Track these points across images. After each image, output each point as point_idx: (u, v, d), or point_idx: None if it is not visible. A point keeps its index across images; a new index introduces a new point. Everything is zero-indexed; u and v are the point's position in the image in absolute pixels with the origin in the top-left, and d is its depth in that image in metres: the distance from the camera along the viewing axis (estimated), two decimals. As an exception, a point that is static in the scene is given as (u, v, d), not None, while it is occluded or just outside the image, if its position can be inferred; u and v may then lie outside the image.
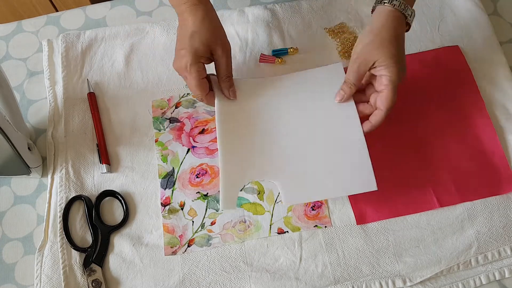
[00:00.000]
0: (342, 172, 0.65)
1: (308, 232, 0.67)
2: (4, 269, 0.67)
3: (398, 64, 0.62)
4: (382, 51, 0.62)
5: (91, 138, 0.74)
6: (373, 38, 0.63)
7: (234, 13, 0.82)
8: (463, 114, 0.73)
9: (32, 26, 0.84)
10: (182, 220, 0.68)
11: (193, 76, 0.65)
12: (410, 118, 0.73)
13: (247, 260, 0.66)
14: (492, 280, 0.64)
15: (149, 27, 0.81)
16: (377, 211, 0.67)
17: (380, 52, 0.62)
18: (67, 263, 0.65)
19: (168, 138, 0.73)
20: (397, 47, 0.62)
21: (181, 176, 0.71)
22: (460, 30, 0.80)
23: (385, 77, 0.62)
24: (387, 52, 0.62)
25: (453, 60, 0.77)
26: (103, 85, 0.78)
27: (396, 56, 0.62)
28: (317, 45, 0.80)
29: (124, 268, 0.66)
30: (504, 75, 0.76)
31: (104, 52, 0.80)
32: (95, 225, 0.67)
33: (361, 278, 0.64)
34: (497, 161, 0.70)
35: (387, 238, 0.66)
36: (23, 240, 0.68)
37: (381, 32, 0.62)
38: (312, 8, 0.83)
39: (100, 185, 0.71)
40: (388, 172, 0.70)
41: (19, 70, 0.80)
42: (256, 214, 0.68)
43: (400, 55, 0.62)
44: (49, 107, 0.76)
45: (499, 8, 0.83)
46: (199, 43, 0.65)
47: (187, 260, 0.66)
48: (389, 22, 0.63)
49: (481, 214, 0.67)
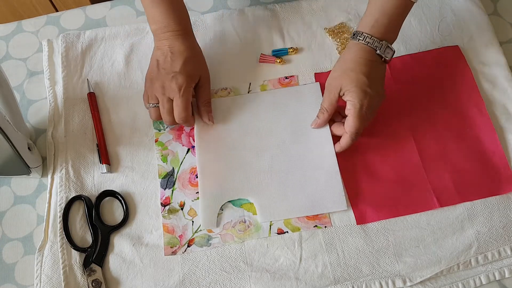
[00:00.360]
0: (315, 191, 0.68)
1: (308, 232, 0.67)
2: (4, 269, 0.67)
3: (361, 91, 0.65)
4: (345, 78, 0.66)
5: (91, 138, 0.74)
6: (339, 67, 0.68)
7: (234, 13, 0.82)
8: (463, 114, 0.73)
9: (32, 26, 0.84)
10: (182, 220, 0.68)
11: (184, 99, 0.68)
12: (410, 118, 0.73)
13: (247, 260, 0.66)
14: (492, 280, 0.64)
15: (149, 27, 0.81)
16: (377, 211, 0.67)
17: (343, 79, 0.67)
18: (67, 263, 0.65)
19: (168, 138, 0.73)
20: (360, 74, 0.66)
21: (181, 176, 0.71)
22: (460, 30, 0.80)
23: (348, 102, 0.66)
24: (348, 79, 0.66)
25: (453, 60, 0.77)
26: (103, 85, 0.78)
27: (357, 81, 0.66)
28: (317, 45, 0.80)
29: (124, 268, 0.66)
30: (504, 75, 0.76)
31: (104, 52, 0.80)
32: (95, 225, 0.67)
33: (361, 278, 0.64)
34: (497, 161, 0.70)
35: (387, 238, 0.66)
36: (23, 240, 0.68)
37: (346, 62, 0.68)
38: (312, 8, 0.83)
39: (100, 185, 0.71)
40: (388, 172, 0.70)
41: (19, 70, 0.80)
42: (256, 214, 0.68)
43: (363, 82, 0.66)
44: (49, 107, 0.76)
45: (499, 8, 0.83)
46: (193, 70, 0.70)
47: (187, 260, 0.66)
48: (355, 52, 0.67)
49: (481, 214, 0.67)
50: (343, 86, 0.66)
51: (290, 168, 0.70)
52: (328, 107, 0.69)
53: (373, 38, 0.66)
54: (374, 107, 0.68)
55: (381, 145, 0.71)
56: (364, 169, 0.70)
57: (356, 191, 0.69)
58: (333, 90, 0.68)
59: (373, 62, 0.67)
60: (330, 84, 0.69)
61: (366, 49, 0.67)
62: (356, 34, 0.68)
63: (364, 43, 0.66)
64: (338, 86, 0.67)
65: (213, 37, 0.81)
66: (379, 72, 0.68)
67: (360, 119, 0.66)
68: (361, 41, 0.66)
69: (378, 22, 0.66)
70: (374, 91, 0.66)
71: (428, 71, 0.76)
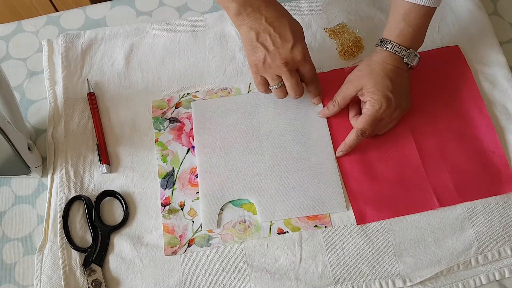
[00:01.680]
0: (315, 192, 0.68)
1: (308, 232, 0.67)
2: (4, 269, 0.67)
3: (382, 94, 0.66)
4: (370, 79, 0.67)
5: (91, 138, 0.74)
6: (366, 68, 0.69)
7: (234, 13, 0.82)
8: (463, 114, 0.73)
9: (32, 26, 0.84)
10: (182, 220, 0.68)
11: (309, 68, 0.67)
12: (410, 118, 0.73)
13: (247, 260, 0.66)
14: (492, 280, 0.64)
15: (149, 27, 0.81)
16: (377, 211, 0.67)
17: (367, 80, 0.67)
18: (67, 263, 0.65)
19: (168, 138, 0.73)
20: (385, 78, 0.67)
21: (181, 176, 0.71)
22: (460, 30, 0.80)
23: (368, 102, 0.67)
24: (373, 81, 0.67)
25: (453, 60, 0.77)
26: (103, 85, 0.78)
27: (381, 84, 0.66)
28: (317, 45, 0.80)
29: (124, 268, 0.66)
30: (504, 75, 0.76)
31: (104, 52, 0.80)
32: (95, 225, 0.67)
33: (361, 278, 0.64)
34: (497, 161, 0.70)
35: (387, 238, 0.66)
36: (23, 240, 0.68)
37: (373, 64, 0.68)
38: (312, 8, 0.83)
39: (100, 185, 0.71)
40: (388, 172, 0.70)
41: (19, 70, 0.80)
42: (256, 214, 0.68)
43: (386, 86, 0.66)
44: (49, 107, 0.76)
45: (499, 8, 0.83)
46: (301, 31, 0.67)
47: (187, 260, 0.66)
48: (383, 57, 0.68)
49: (481, 214, 0.67)
50: (365, 87, 0.67)
51: (290, 168, 0.70)
52: (340, 101, 0.70)
53: (401, 47, 0.67)
54: (395, 115, 0.69)
55: (381, 145, 0.71)
56: (364, 169, 0.70)
57: (356, 191, 0.69)
58: (351, 87, 0.69)
59: (400, 70, 0.68)
60: (350, 81, 0.69)
61: (394, 56, 0.68)
62: (383, 42, 0.68)
63: (392, 52, 0.67)
64: (359, 85, 0.68)
65: (213, 37, 0.81)
66: (404, 80, 0.69)
67: (373, 119, 0.66)
68: (389, 49, 0.67)
69: (403, 32, 0.67)
70: (396, 97, 0.67)
71: (428, 71, 0.76)
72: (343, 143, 0.70)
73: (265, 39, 0.64)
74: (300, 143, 0.72)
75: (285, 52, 0.65)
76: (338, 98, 0.70)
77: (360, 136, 0.68)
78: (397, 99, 0.67)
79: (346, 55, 0.78)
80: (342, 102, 0.70)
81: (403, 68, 0.69)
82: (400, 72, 0.68)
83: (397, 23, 0.67)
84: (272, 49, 0.64)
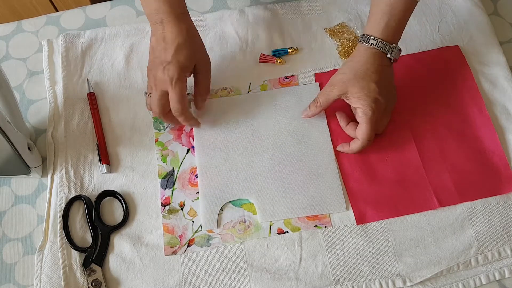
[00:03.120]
0: (315, 192, 0.68)
1: (308, 232, 0.67)
2: (4, 269, 0.67)
3: (371, 99, 0.65)
4: (355, 85, 0.66)
5: (91, 138, 0.74)
6: (349, 71, 0.67)
7: (234, 13, 0.82)
8: (463, 114, 0.73)
9: (32, 26, 0.84)
10: (182, 220, 0.68)
11: (177, 90, 0.65)
12: (410, 118, 0.73)
13: (247, 260, 0.66)
14: (492, 280, 0.64)
15: (149, 27, 0.81)
16: (377, 211, 0.67)
17: (352, 86, 0.66)
18: (67, 263, 0.65)
19: (168, 138, 0.73)
20: (370, 83, 0.65)
21: (181, 176, 0.71)
22: (460, 30, 0.80)
23: (359, 110, 0.67)
24: (358, 87, 0.66)
25: (453, 60, 0.77)
26: (103, 85, 0.78)
27: (367, 90, 0.65)
28: (317, 45, 0.80)
29: (124, 268, 0.66)
30: (504, 75, 0.76)
31: (104, 52, 0.80)
32: (95, 225, 0.67)
33: (361, 278, 0.64)
34: (497, 161, 0.70)
35: (387, 238, 0.66)
36: (23, 240, 0.68)
37: (356, 67, 0.67)
38: (312, 8, 0.83)
39: (100, 185, 0.71)
40: (388, 172, 0.70)
41: (19, 70, 0.80)
42: (256, 214, 0.68)
43: (373, 90, 0.65)
44: (49, 107, 0.76)
45: (499, 8, 0.83)
46: (185, 58, 0.65)
47: (187, 260, 0.66)
48: (365, 58, 0.66)
49: (481, 214, 0.67)
50: (350, 92, 0.66)
51: (290, 169, 0.70)
52: (323, 103, 0.70)
53: (385, 43, 0.66)
54: (387, 111, 0.68)
55: (381, 145, 0.71)
56: (364, 169, 0.70)
57: (356, 191, 0.69)
58: (335, 90, 0.68)
59: (384, 67, 0.67)
60: (333, 85, 0.68)
61: (378, 54, 0.66)
62: (367, 38, 0.67)
63: (376, 48, 0.66)
64: (343, 90, 0.67)
65: (213, 37, 0.81)
66: (388, 76, 0.68)
67: (372, 125, 0.66)
68: (374, 46, 0.66)
69: (388, 25, 0.66)
70: (384, 98, 0.66)
71: (428, 71, 0.76)
72: (347, 148, 0.69)
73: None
74: (300, 143, 0.72)
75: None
76: (321, 100, 0.69)
77: (366, 145, 0.68)
78: (384, 98, 0.66)
79: (346, 55, 0.78)
80: (325, 104, 0.70)
81: (386, 64, 0.67)
82: (384, 69, 0.67)
83: (381, 16, 0.66)
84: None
